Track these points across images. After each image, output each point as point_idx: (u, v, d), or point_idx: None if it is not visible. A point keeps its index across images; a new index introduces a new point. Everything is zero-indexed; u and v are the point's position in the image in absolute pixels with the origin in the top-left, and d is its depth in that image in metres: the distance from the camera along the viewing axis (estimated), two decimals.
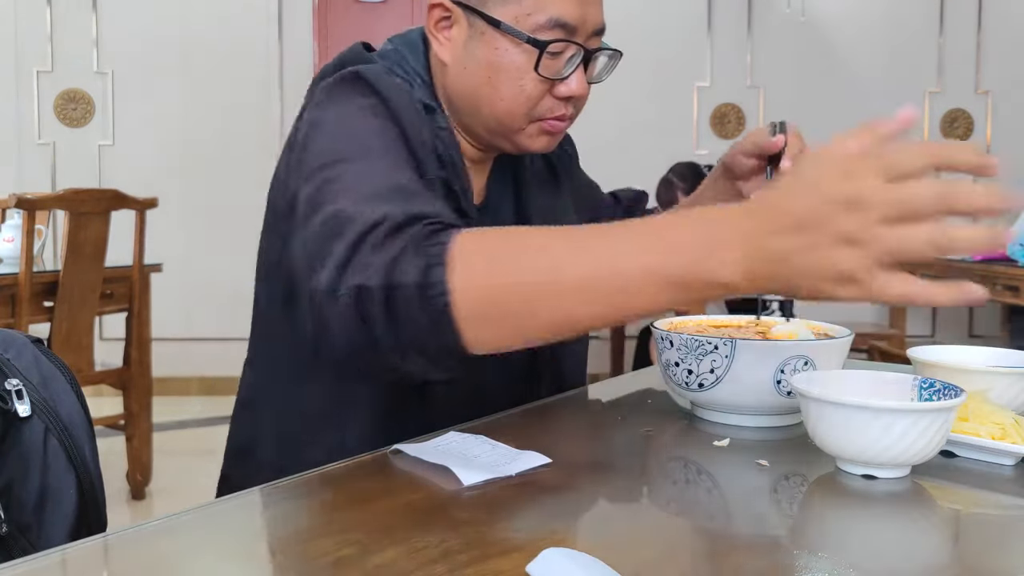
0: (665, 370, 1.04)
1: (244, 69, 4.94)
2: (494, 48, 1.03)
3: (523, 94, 1.04)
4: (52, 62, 4.92)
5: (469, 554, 0.64)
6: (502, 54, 1.03)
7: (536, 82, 1.03)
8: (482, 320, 0.73)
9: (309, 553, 0.65)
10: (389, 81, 1.03)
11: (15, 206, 2.89)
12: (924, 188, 0.62)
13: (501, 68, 1.03)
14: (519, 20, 1.01)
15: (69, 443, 0.97)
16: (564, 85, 1.04)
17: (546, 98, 1.05)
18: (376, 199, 0.80)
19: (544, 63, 1.02)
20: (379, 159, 0.90)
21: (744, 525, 0.75)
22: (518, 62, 1.02)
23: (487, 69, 1.04)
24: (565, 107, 1.07)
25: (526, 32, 1.01)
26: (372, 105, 0.99)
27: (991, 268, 4.15)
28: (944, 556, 0.71)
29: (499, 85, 1.04)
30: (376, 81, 1.01)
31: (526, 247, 0.74)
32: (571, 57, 1.04)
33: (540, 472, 0.83)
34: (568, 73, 1.04)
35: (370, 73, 1.02)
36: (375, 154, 0.91)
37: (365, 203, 0.80)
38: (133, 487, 3.30)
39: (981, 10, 5.17)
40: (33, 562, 0.65)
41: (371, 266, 0.73)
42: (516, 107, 1.05)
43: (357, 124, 0.95)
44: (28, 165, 4.92)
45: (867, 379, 0.91)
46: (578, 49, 1.03)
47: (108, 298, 3.25)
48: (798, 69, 5.15)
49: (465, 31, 1.05)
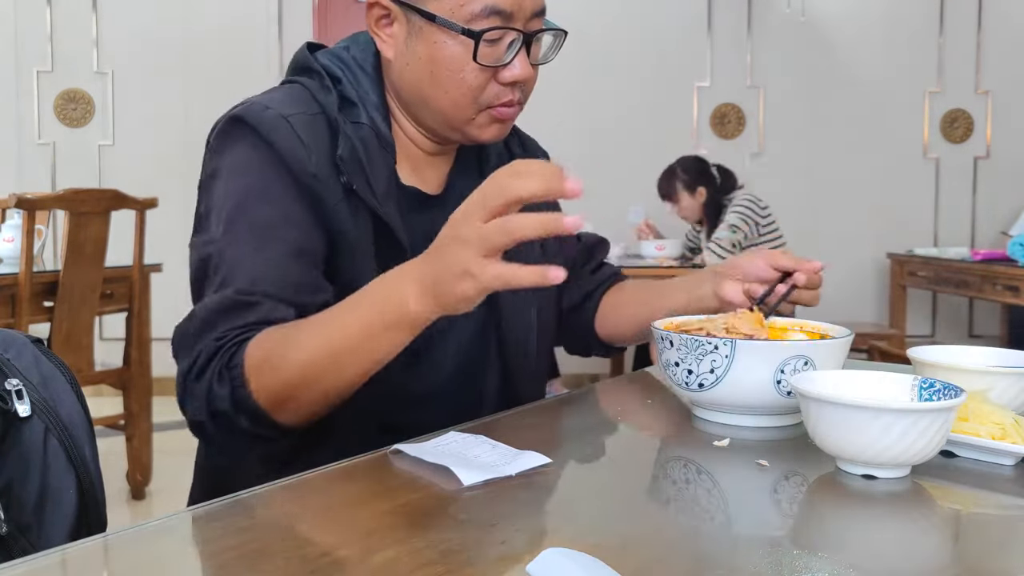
0: (665, 370, 1.04)
1: (244, 69, 4.94)
2: (432, 42, 1.04)
3: (465, 85, 1.05)
4: (52, 62, 4.92)
5: (469, 554, 0.64)
6: (441, 47, 1.04)
7: (477, 72, 1.04)
8: (284, 406, 0.92)
9: (309, 553, 0.65)
10: (270, 120, 1.04)
11: (15, 206, 2.89)
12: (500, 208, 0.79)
13: (441, 62, 1.04)
14: (454, 12, 1.02)
15: (69, 443, 0.97)
16: (508, 70, 1.05)
17: (491, 85, 1.06)
18: (217, 313, 0.96)
19: (482, 52, 1.03)
20: (246, 243, 1.00)
21: (744, 525, 0.75)
22: (456, 54, 1.04)
23: (428, 64, 1.05)
24: (512, 92, 1.08)
25: (461, 23, 1.02)
26: (253, 156, 1.04)
27: (991, 268, 4.15)
28: (944, 556, 0.71)
29: (441, 79, 1.05)
30: (257, 124, 1.04)
31: (291, 344, 0.91)
32: (511, 42, 1.05)
33: (540, 472, 0.83)
34: (510, 59, 1.05)
35: (250, 116, 1.05)
36: (242, 238, 1.00)
37: (205, 321, 0.96)
38: (133, 487, 3.30)
39: (981, 10, 5.17)
40: (33, 562, 0.65)
41: (197, 399, 0.94)
42: (460, 98, 1.06)
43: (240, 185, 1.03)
44: (28, 165, 4.92)
45: (867, 379, 0.91)
46: (517, 34, 1.04)
47: (108, 298, 3.25)
48: (798, 69, 5.16)
49: (404, 28, 1.06)
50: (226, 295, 0.96)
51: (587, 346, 1.38)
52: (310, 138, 1.05)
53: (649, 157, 5.02)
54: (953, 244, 5.05)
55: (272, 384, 0.91)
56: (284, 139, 1.03)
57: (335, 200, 1.04)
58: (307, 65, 1.13)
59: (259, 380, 0.91)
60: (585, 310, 1.36)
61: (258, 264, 0.98)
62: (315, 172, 1.03)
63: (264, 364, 0.91)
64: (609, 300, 1.35)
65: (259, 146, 1.04)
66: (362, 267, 1.04)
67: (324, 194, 1.03)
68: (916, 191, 5.25)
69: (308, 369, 0.90)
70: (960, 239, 5.19)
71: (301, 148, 1.03)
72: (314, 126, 1.06)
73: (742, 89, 5.18)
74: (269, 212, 1.01)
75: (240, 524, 0.72)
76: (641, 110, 5.10)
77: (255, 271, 0.98)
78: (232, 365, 0.92)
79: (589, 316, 1.36)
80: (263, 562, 0.65)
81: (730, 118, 5.19)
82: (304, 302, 0.98)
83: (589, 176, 1.43)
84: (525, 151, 1.27)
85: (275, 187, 1.02)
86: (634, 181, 4.87)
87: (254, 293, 0.96)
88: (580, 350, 1.40)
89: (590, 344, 1.37)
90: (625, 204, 4.96)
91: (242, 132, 1.05)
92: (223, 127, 1.07)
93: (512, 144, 1.25)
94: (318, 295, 1.00)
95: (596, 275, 1.37)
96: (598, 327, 1.35)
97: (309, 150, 1.04)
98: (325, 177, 1.04)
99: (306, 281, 1.00)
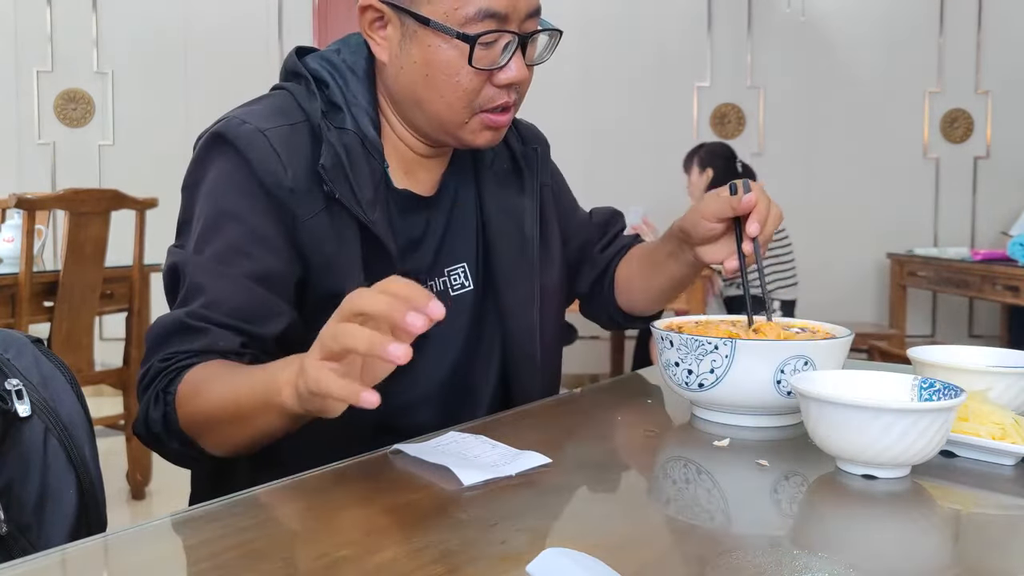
0: (665, 370, 1.04)
1: (244, 69, 4.94)
2: (427, 46, 1.04)
3: (460, 88, 1.04)
4: (52, 62, 4.92)
5: (469, 554, 0.64)
6: (435, 51, 1.03)
7: (472, 75, 1.04)
8: (204, 439, 0.95)
9: (309, 553, 0.65)
10: (247, 136, 1.04)
11: (15, 206, 2.89)
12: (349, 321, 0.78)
13: (436, 65, 1.04)
14: (448, 15, 1.02)
15: (69, 443, 0.97)
16: (503, 73, 1.05)
17: (486, 88, 1.06)
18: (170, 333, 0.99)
19: (478, 55, 1.02)
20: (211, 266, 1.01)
21: (744, 525, 0.75)
22: (451, 57, 1.03)
23: (423, 67, 1.05)
24: (508, 94, 1.07)
25: (456, 27, 1.01)
26: (231, 174, 1.04)
27: (991, 268, 4.15)
28: (944, 556, 0.71)
29: (436, 82, 1.05)
30: (235, 140, 1.05)
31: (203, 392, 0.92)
32: (507, 45, 1.04)
33: (540, 472, 0.83)
34: (505, 61, 1.04)
35: (229, 132, 1.05)
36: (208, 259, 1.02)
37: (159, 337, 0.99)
38: (133, 487, 3.30)
39: (981, 10, 5.17)
40: (33, 562, 0.65)
41: (139, 413, 0.98)
42: (455, 102, 1.05)
43: (215, 205, 1.04)
44: (28, 165, 4.92)
45: (867, 379, 0.91)
46: (512, 36, 1.03)
47: (108, 298, 3.25)
48: (798, 69, 5.15)
49: (399, 31, 1.06)
50: (179, 317, 0.99)
51: (616, 321, 1.38)
52: (288, 151, 1.05)
53: (649, 157, 5.02)
54: (953, 244, 5.04)
55: (188, 419, 0.94)
56: (260, 154, 1.04)
57: (313, 212, 1.04)
58: (295, 70, 1.13)
59: (183, 410, 0.94)
60: (602, 288, 1.36)
61: (217, 288, 1.00)
62: (292, 187, 1.04)
63: (186, 399, 0.94)
64: (621, 274, 1.35)
65: (236, 163, 1.04)
66: (347, 277, 1.04)
67: (300, 210, 1.04)
68: (916, 191, 5.24)
69: (212, 419, 0.92)
70: (960, 239, 5.19)
71: (277, 163, 1.03)
72: (294, 137, 1.06)
73: (742, 89, 5.18)
74: (238, 234, 1.02)
75: (240, 524, 0.72)
76: (641, 110, 5.10)
77: (213, 294, 0.99)
78: (168, 391, 0.95)
79: (608, 294, 1.35)
80: (263, 562, 0.65)
81: (730, 118, 5.19)
82: (254, 332, 0.99)
83: (589, 176, 1.44)
84: (523, 143, 1.26)
85: (247, 207, 1.03)
86: (634, 181, 4.87)
87: (206, 319, 0.98)
88: (613, 325, 1.40)
89: (617, 318, 1.37)
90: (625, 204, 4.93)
91: (221, 149, 1.06)
92: (206, 142, 1.08)
93: (510, 138, 1.24)
94: (271, 323, 1.01)
95: (606, 252, 1.36)
96: (619, 301, 1.35)
97: (286, 164, 1.04)
98: (304, 190, 1.04)
99: (261, 309, 1.00)
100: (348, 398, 0.74)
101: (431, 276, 1.15)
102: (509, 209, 1.20)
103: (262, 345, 1.00)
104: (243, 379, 0.90)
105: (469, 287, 1.18)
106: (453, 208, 1.18)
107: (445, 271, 1.16)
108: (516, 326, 1.18)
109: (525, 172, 1.24)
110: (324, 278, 1.05)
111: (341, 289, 1.03)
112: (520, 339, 1.18)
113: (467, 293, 1.17)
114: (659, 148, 4.93)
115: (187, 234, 1.06)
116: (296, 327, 1.03)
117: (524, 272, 1.20)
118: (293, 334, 1.02)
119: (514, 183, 1.23)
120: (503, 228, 1.19)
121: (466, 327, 1.16)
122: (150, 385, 0.97)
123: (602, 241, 1.37)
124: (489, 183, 1.20)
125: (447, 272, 1.17)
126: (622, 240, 1.38)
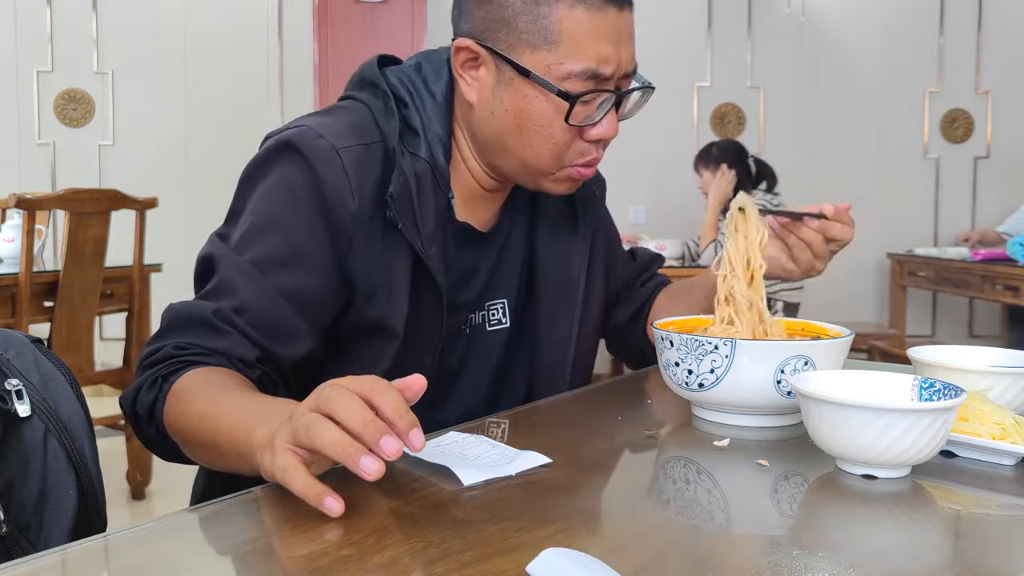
0: (665, 370, 1.04)
1: (244, 69, 4.94)
2: (523, 96, 1.01)
3: (552, 141, 1.03)
4: (52, 62, 4.92)
5: (469, 554, 0.64)
6: (531, 102, 1.01)
7: (565, 130, 1.02)
8: (177, 439, 0.92)
9: (309, 553, 0.65)
10: (322, 151, 1.01)
11: (15, 206, 2.89)
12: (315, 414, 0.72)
13: (530, 116, 1.02)
14: (551, 68, 0.99)
15: (69, 443, 0.97)
16: (595, 128, 1.04)
17: (576, 142, 1.04)
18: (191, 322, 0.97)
19: (575, 112, 1.00)
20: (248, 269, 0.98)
21: (744, 525, 0.75)
22: (547, 111, 1.01)
23: (515, 116, 1.03)
24: (596, 150, 1.06)
25: (556, 82, 0.99)
26: (294, 183, 1.01)
27: (991, 268, 4.15)
28: (944, 556, 0.71)
29: (527, 133, 1.03)
30: (308, 153, 1.01)
31: (191, 405, 0.89)
32: (603, 102, 1.02)
33: (540, 472, 0.83)
34: (599, 117, 1.03)
35: (302, 142, 1.02)
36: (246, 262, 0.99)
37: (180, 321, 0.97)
38: (133, 487, 3.30)
39: (981, 10, 5.17)
40: (33, 562, 0.65)
41: (133, 387, 0.95)
42: (545, 153, 1.04)
43: (269, 209, 1.02)
44: (28, 165, 4.92)
45: (867, 379, 0.91)
46: (610, 95, 1.02)
47: (108, 298, 3.25)
48: (798, 69, 5.16)
49: (493, 75, 1.03)
50: (206, 312, 0.96)
51: (646, 356, 1.36)
52: (359, 175, 1.01)
53: (649, 157, 5.02)
54: (953, 244, 5.05)
55: (172, 419, 0.92)
56: (331, 174, 1.00)
57: (372, 240, 1.02)
58: (373, 81, 1.09)
59: (170, 407, 0.92)
60: (636, 325, 1.35)
61: (248, 294, 0.97)
62: (356, 212, 1.01)
63: (178, 399, 0.91)
64: (659, 304, 1.35)
65: (305, 175, 1.01)
66: (394, 306, 1.03)
67: (357, 237, 1.01)
68: (916, 191, 5.24)
69: (189, 433, 0.90)
70: None
71: (346, 186, 1.00)
72: (367, 159, 1.03)
73: (742, 89, 5.18)
74: (282, 245, 1.00)
75: (241, 524, 0.72)
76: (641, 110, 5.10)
77: (243, 300, 0.97)
78: (168, 380, 0.93)
79: (640, 330, 1.35)
80: (263, 562, 0.65)
81: (730, 118, 5.19)
82: (271, 349, 0.97)
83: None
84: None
85: (299, 222, 1.00)
86: (634, 181, 4.87)
87: (231, 323, 0.96)
88: (643, 361, 1.37)
89: (648, 353, 1.35)
90: (625, 204, 4.96)
91: (291, 156, 1.02)
92: (277, 144, 1.04)
93: None
94: (291, 345, 0.98)
95: (644, 288, 1.36)
96: (651, 334, 1.34)
97: (354, 190, 1.01)
98: (367, 217, 1.01)
99: (285, 327, 0.98)
100: (309, 501, 0.69)
101: (472, 310, 1.15)
102: (559, 250, 1.19)
103: (276, 364, 0.98)
104: (230, 412, 0.85)
105: (505, 324, 1.17)
106: (505, 245, 1.17)
107: (486, 305, 1.16)
108: (549, 361, 1.18)
109: (580, 215, 1.22)
110: (367, 306, 1.03)
111: (382, 317, 1.02)
112: (553, 374, 1.19)
113: (502, 330, 1.17)
114: (659, 148, 4.94)
115: (234, 225, 1.03)
116: (315, 355, 1.01)
117: (566, 313, 1.19)
118: (310, 362, 1.01)
119: (567, 223, 1.21)
120: (550, 269, 1.18)
121: (495, 363, 1.16)
122: (154, 365, 0.94)
123: (641, 278, 1.37)
124: (543, 222, 1.19)
125: (487, 306, 1.16)
126: (657, 279, 1.39)
